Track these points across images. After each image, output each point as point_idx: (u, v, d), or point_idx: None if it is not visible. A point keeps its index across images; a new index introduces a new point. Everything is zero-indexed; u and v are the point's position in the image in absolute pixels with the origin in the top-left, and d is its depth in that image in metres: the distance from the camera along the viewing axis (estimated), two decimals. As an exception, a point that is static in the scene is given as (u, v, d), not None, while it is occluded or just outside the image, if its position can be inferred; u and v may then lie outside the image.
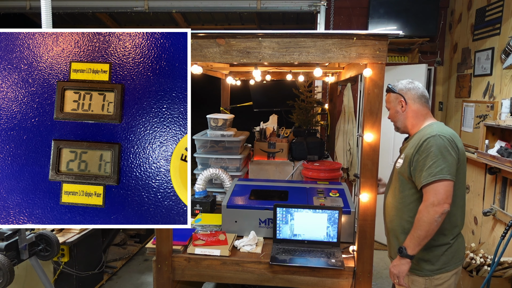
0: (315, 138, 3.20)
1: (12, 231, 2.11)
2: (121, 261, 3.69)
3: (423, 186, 1.60)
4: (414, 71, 3.87)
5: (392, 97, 1.83)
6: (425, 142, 1.62)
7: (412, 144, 1.71)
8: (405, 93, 1.78)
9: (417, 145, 1.66)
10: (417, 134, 1.74)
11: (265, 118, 3.77)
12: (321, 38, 1.65)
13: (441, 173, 1.56)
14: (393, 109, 1.84)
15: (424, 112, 1.78)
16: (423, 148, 1.62)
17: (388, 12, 3.88)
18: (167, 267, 1.92)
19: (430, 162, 1.59)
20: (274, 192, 2.41)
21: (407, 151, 1.73)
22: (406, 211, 1.73)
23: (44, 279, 2.28)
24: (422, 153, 1.63)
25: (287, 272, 1.86)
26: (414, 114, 1.78)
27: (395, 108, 1.82)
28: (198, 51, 1.70)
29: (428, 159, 1.60)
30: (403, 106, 1.79)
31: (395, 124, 1.86)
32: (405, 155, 1.73)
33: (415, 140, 1.70)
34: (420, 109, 1.78)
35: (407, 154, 1.71)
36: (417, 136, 1.73)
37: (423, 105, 1.78)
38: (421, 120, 1.78)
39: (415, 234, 1.60)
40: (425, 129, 1.72)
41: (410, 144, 1.73)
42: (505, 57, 2.97)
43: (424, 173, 1.60)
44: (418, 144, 1.65)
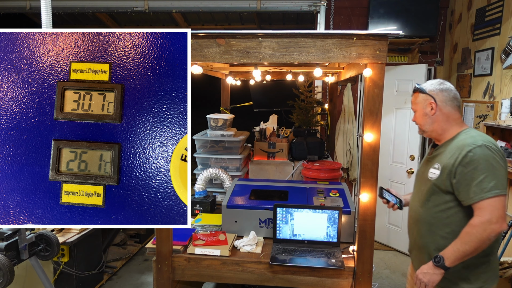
0: (315, 138, 3.20)
1: (12, 231, 2.11)
2: (121, 261, 3.69)
3: (474, 203, 1.47)
4: (414, 71, 3.87)
5: (420, 98, 1.68)
6: (470, 153, 1.48)
7: (449, 153, 1.57)
8: (435, 95, 1.63)
9: (458, 155, 1.52)
10: (453, 142, 1.60)
11: (265, 118, 3.77)
12: (321, 38, 1.65)
13: (495, 188, 1.43)
14: (420, 111, 1.69)
15: (456, 116, 1.64)
16: (469, 160, 1.48)
17: (388, 12, 3.88)
18: (167, 267, 1.92)
19: (480, 176, 1.45)
20: (274, 192, 2.41)
21: (444, 161, 1.58)
22: (441, 227, 1.60)
23: (44, 279, 2.28)
24: (468, 166, 1.48)
25: (287, 272, 1.86)
26: (444, 118, 1.64)
27: (423, 110, 1.67)
28: (198, 51, 1.70)
29: (476, 172, 1.46)
30: (433, 108, 1.64)
31: (421, 127, 1.71)
32: (442, 166, 1.58)
33: (453, 149, 1.56)
34: (451, 113, 1.64)
35: (445, 164, 1.56)
36: (454, 144, 1.59)
37: (455, 109, 1.64)
38: (453, 125, 1.64)
39: (460, 248, 1.47)
40: (462, 137, 1.58)
41: (447, 153, 1.59)
42: (505, 57, 2.97)
43: (475, 189, 1.46)
44: (461, 155, 1.51)
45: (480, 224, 1.44)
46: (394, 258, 3.99)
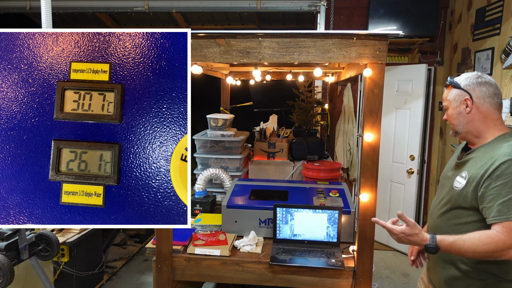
0: (315, 138, 3.20)
1: (12, 231, 2.11)
2: (121, 261, 3.69)
3: (496, 223, 1.28)
4: (414, 71, 3.87)
5: (453, 93, 1.47)
6: (504, 165, 1.28)
7: (480, 162, 1.37)
8: (472, 90, 1.42)
9: (490, 166, 1.32)
10: (488, 149, 1.40)
11: (265, 118, 3.77)
12: (321, 38, 1.65)
13: None
14: (453, 109, 1.47)
15: (495, 116, 1.42)
16: (500, 173, 1.28)
17: (388, 12, 3.89)
18: (167, 267, 1.92)
19: (510, 194, 1.26)
20: (274, 192, 2.41)
21: (473, 171, 1.38)
22: None
23: (44, 279, 2.28)
24: (497, 179, 1.28)
25: (287, 272, 1.86)
26: (482, 118, 1.42)
27: (457, 108, 1.45)
28: (198, 51, 1.70)
29: (506, 188, 1.27)
30: (468, 106, 1.42)
31: (454, 128, 1.50)
32: (470, 176, 1.38)
33: (486, 158, 1.36)
34: (490, 112, 1.41)
35: (473, 175, 1.37)
36: (488, 152, 1.38)
37: (494, 107, 1.42)
38: (491, 126, 1.42)
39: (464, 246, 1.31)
40: (499, 144, 1.37)
41: (478, 162, 1.39)
42: (505, 57, 2.97)
43: (499, 207, 1.27)
44: (492, 166, 1.31)
45: (503, 246, 1.26)
46: (394, 258, 3.99)
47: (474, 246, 1.30)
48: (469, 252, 1.31)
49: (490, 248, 1.27)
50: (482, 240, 1.29)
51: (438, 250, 1.35)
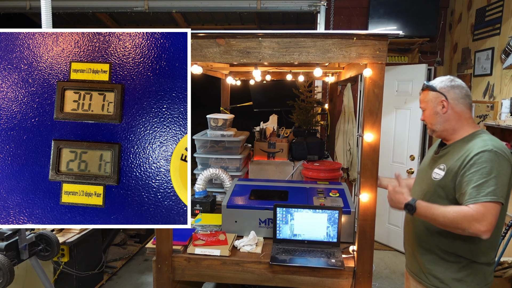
0: (315, 138, 3.20)
1: (12, 231, 2.11)
2: (121, 261, 3.69)
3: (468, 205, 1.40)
4: (414, 71, 3.87)
5: (430, 96, 1.62)
6: (477, 156, 1.43)
7: (457, 155, 1.52)
8: (447, 92, 1.57)
9: (465, 158, 1.47)
10: (463, 144, 1.55)
11: (265, 118, 3.77)
12: (321, 38, 1.65)
13: (493, 195, 1.36)
14: (430, 110, 1.62)
15: (468, 115, 1.59)
16: (473, 162, 1.43)
17: (388, 12, 3.89)
18: (167, 267, 1.92)
19: (480, 180, 1.39)
20: (274, 192, 2.41)
21: (451, 164, 1.53)
22: (439, 229, 1.54)
23: (44, 279, 2.28)
24: (471, 168, 1.43)
25: (287, 272, 1.86)
26: (456, 117, 1.58)
27: (434, 109, 1.60)
28: (198, 51, 1.70)
29: (477, 175, 1.41)
30: (444, 107, 1.58)
31: (431, 127, 1.65)
32: (448, 168, 1.53)
33: (461, 151, 1.51)
34: (464, 111, 1.58)
35: (451, 167, 1.52)
36: (463, 146, 1.53)
37: (467, 107, 1.58)
38: (464, 124, 1.58)
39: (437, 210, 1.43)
40: (472, 139, 1.53)
41: (454, 155, 1.54)
42: (505, 57, 2.98)
43: (471, 191, 1.40)
44: (468, 157, 1.46)
45: (470, 218, 1.37)
46: (394, 258, 3.99)
47: (446, 211, 1.42)
48: (440, 216, 1.43)
49: (459, 217, 1.39)
50: (453, 208, 1.43)
51: (415, 210, 1.49)
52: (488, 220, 1.35)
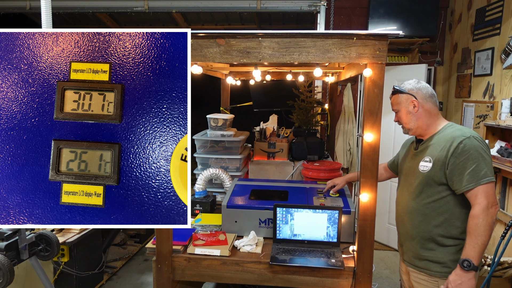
0: (315, 138, 3.20)
1: (12, 231, 2.11)
2: (121, 261, 3.69)
3: (468, 190, 1.56)
4: (414, 71, 3.87)
5: (401, 98, 1.77)
6: (461, 144, 1.58)
7: (439, 146, 1.67)
8: (416, 93, 1.74)
9: (449, 147, 1.61)
10: (441, 136, 1.70)
11: (265, 118, 3.77)
12: (321, 38, 1.65)
13: (486, 176, 1.54)
14: (404, 110, 1.77)
15: (436, 111, 1.76)
16: (460, 151, 1.58)
17: (388, 12, 3.89)
18: (167, 267, 1.92)
19: (472, 165, 1.55)
20: (274, 192, 2.41)
21: (436, 154, 1.66)
22: (435, 216, 1.68)
23: (44, 279, 2.28)
24: (460, 156, 1.58)
25: (287, 272, 1.86)
26: (427, 114, 1.74)
27: (407, 109, 1.76)
28: (198, 51, 1.70)
29: (469, 162, 1.56)
30: (415, 106, 1.73)
31: (406, 126, 1.79)
32: (434, 159, 1.67)
33: (443, 142, 1.66)
34: (432, 108, 1.75)
35: (437, 157, 1.65)
36: (442, 137, 1.68)
37: (434, 105, 1.75)
38: (435, 120, 1.75)
39: (478, 242, 1.52)
40: (449, 130, 1.69)
41: (436, 146, 1.68)
42: (505, 57, 2.98)
43: (468, 177, 1.56)
44: (452, 146, 1.60)
45: (481, 212, 1.52)
46: (394, 258, 3.99)
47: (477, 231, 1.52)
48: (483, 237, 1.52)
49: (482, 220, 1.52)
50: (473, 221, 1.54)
51: (474, 265, 1.53)
52: (492, 198, 1.54)
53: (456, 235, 1.66)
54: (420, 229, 1.73)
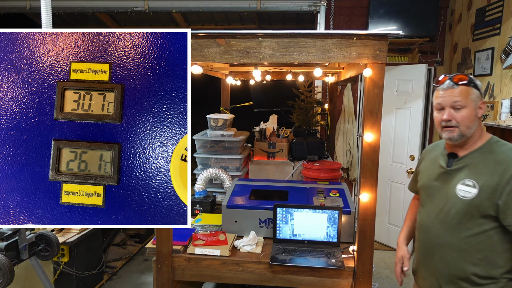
0: (315, 138, 3.20)
1: (12, 231, 2.11)
2: (121, 261, 3.69)
3: None
4: (414, 71, 3.87)
5: (473, 94, 1.38)
6: None
7: (486, 169, 1.35)
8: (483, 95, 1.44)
9: (503, 172, 1.31)
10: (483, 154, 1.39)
11: (265, 118, 3.77)
12: (321, 38, 1.65)
13: None
14: (472, 110, 1.37)
15: None
16: None
17: (388, 12, 3.88)
18: (167, 267, 1.92)
19: None
20: (274, 192, 2.41)
21: (483, 179, 1.35)
22: (473, 253, 1.38)
23: (44, 279, 2.28)
24: None
25: (287, 272, 1.86)
26: (479, 123, 1.39)
27: (475, 111, 1.37)
28: (198, 51, 1.70)
29: None
30: (481, 109, 1.39)
31: (466, 129, 1.38)
32: (482, 184, 1.34)
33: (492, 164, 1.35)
34: None
35: (486, 183, 1.33)
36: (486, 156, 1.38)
37: None
38: (479, 130, 1.41)
39: None
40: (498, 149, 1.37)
41: (482, 169, 1.36)
42: (505, 57, 2.97)
43: None
44: (508, 172, 1.30)
45: None
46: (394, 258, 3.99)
47: None
48: None
49: None
50: None
51: None
52: None
53: (496, 275, 1.38)
54: (453, 267, 1.43)
